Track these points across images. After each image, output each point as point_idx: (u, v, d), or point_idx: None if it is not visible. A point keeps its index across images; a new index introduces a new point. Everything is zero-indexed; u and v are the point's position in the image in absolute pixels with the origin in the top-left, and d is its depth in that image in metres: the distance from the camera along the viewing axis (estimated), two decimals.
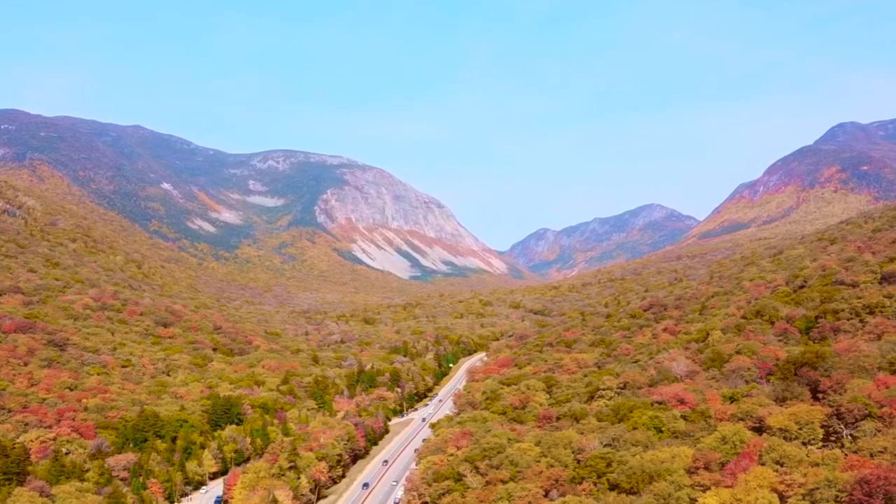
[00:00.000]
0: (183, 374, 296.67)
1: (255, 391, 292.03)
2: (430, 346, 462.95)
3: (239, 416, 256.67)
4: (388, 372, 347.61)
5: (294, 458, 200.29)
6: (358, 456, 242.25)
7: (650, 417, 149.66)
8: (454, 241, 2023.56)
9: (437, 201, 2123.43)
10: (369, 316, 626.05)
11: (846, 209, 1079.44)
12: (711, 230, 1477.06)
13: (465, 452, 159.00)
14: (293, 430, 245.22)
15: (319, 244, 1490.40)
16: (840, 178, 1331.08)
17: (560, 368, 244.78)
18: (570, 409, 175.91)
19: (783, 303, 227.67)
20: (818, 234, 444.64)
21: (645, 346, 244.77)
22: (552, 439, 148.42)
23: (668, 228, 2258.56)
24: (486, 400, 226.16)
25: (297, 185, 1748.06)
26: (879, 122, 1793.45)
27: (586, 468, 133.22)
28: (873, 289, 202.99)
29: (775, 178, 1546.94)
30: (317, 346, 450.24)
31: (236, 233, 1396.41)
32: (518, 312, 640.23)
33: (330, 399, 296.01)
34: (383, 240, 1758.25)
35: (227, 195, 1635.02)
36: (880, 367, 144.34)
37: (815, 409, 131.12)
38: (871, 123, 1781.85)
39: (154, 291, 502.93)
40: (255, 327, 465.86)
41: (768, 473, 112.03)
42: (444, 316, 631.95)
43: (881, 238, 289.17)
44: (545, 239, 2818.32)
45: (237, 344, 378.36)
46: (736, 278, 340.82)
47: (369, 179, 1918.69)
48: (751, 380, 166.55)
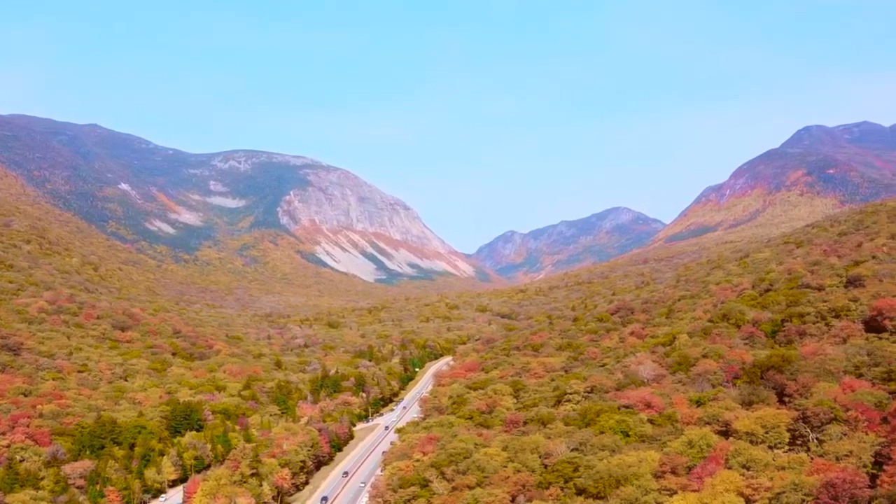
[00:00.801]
0: (141, 380, 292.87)
1: (216, 396, 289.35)
2: (396, 351, 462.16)
3: (199, 422, 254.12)
4: (353, 376, 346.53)
5: (256, 464, 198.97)
6: (322, 462, 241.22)
7: (617, 422, 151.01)
8: (420, 243, 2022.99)
9: (403, 203, 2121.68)
10: (334, 319, 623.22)
11: (812, 212, 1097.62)
12: (678, 233, 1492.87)
13: (432, 458, 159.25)
14: (255, 437, 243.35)
15: (282, 246, 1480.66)
16: (806, 182, 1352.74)
17: (527, 372, 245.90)
18: (538, 413, 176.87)
19: (749, 306, 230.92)
20: (784, 237, 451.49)
21: (612, 350, 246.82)
22: (519, 444, 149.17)
23: (635, 231, 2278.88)
24: (452, 404, 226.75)
25: (260, 186, 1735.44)
26: (845, 125, 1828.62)
27: (553, 473, 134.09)
28: (839, 292, 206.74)
29: (742, 182, 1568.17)
30: (280, 350, 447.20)
31: (196, 234, 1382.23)
32: (485, 316, 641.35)
33: (293, 404, 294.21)
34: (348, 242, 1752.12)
35: (188, 196, 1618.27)
36: (846, 371, 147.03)
37: (781, 412, 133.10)
38: (836, 127, 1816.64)
39: (111, 294, 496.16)
40: (216, 331, 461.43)
41: (735, 477, 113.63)
42: (410, 319, 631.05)
43: (847, 241, 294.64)
44: (512, 242, 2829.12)
45: (197, 348, 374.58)
46: (702, 282, 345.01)
47: (334, 180, 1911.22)
48: (717, 383, 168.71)
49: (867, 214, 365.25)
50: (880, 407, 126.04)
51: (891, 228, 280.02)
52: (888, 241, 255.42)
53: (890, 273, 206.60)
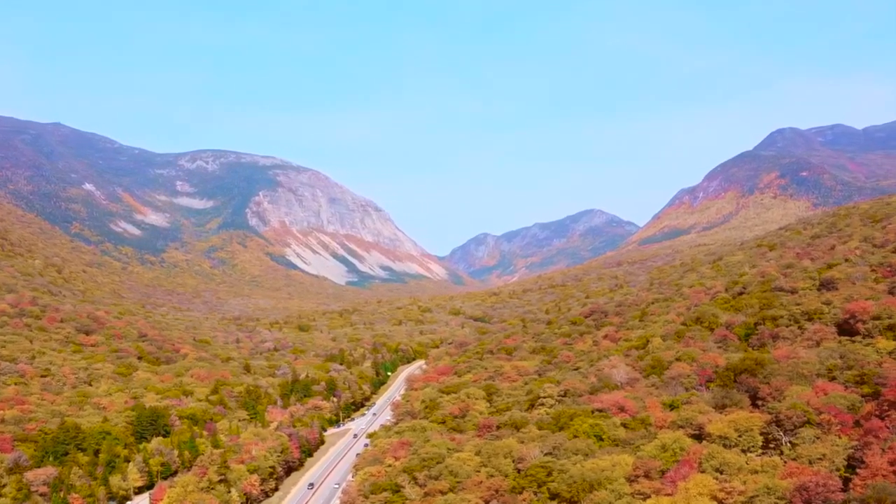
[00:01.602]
0: (106, 384, 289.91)
1: (183, 401, 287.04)
2: (368, 354, 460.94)
3: (166, 428, 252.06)
4: (324, 381, 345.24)
5: (224, 471, 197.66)
6: (292, 468, 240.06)
7: (591, 425, 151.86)
8: (392, 245, 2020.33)
9: (374, 205, 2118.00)
10: (304, 323, 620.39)
11: (785, 215, 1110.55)
12: (652, 236, 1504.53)
13: (404, 463, 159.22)
14: (223, 442, 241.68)
15: (251, 248, 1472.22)
16: (779, 184, 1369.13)
17: (500, 376, 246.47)
18: (511, 417, 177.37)
19: (723, 309, 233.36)
20: (757, 240, 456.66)
21: (586, 354, 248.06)
22: (492, 448, 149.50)
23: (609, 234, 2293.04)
24: (425, 409, 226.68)
25: (228, 187, 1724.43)
26: (818, 127, 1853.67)
27: (526, 478, 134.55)
28: (812, 295, 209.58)
29: (715, 184, 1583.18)
30: (249, 354, 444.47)
31: (163, 236, 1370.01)
32: (458, 319, 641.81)
33: (262, 409, 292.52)
34: (318, 244, 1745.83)
35: (154, 196, 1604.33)
36: (819, 374, 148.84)
37: (754, 416, 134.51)
38: (810, 129, 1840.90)
39: (75, 297, 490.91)
40: (183, 335, 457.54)
41: (708, 481, 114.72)
42: (382, 323, 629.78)
43: (820, 244, 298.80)
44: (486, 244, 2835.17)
45: (164, 352, 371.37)
46: (676, 285, 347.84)
47: (304, 181, 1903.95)
48: (690, 387, 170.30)
49: (840, 217, 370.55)
50: (853, 410, 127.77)
51: (864, 231, 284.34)
52: (861, 244, 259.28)
53: (863, 276, 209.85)
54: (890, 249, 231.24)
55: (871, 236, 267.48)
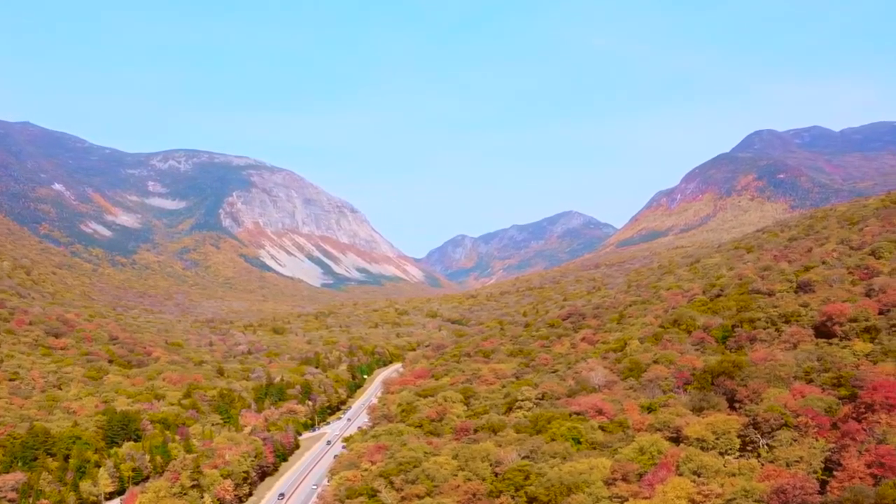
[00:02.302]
0: (76, 388, 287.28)
1: (154, 406, 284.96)
2: (344, 357, 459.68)
3: (137, 433, 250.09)
4: (299, 384, 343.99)
5: (197, 476, 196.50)
6: (266, 473, 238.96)
7: (568, 428, 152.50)
8: (368, 247, 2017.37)
9: (350, 206, 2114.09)
10: (279, 325, 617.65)
11: (762, 217, 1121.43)
12: (629, 238, 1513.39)
13: (380, 467, 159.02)
14: (196, 447, 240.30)
15: (225, 249, 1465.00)
16: (756, 187, 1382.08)
17: (478, 379, 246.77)
18: (488, 420, 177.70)
19: (700, 312, 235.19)
20: (735, 242, 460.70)
21: (563, 356, 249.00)
22: (469, 452, 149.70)
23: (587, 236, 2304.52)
24: (401, 412, 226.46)
25: (201, 187, 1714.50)
26: (795, 129, 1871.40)
27: (504, 481, 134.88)
28: (789, 297, 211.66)
29: (692, 186, 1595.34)
30: (222, 357, 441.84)
31: (134, 237, 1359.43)
32: (435, 322, 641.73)
33: (236, 413, 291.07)
34: (293, 245, 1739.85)
35: (125, 197, 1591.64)
36: (796, 377, 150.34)
37: (731, 418, 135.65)
38: (787, 131, 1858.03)
39: (44, 299, 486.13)
40: (155, 338, 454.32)
41: (686, 484, 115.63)
42: (358, 325, 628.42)
43: (797, 247, 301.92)
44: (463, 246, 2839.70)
45: (135, 355, 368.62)
46: (653, 287, 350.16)
47: (278, 182, 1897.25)
48: (668, 389, 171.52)
49: (817, 219, 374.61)
50: (830, 412, 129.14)
51: (840, 234, 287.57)
52: (838, 247, 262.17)
53: (840, 278, 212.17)
54: (867, 252, 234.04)
55: (848, 238, 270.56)
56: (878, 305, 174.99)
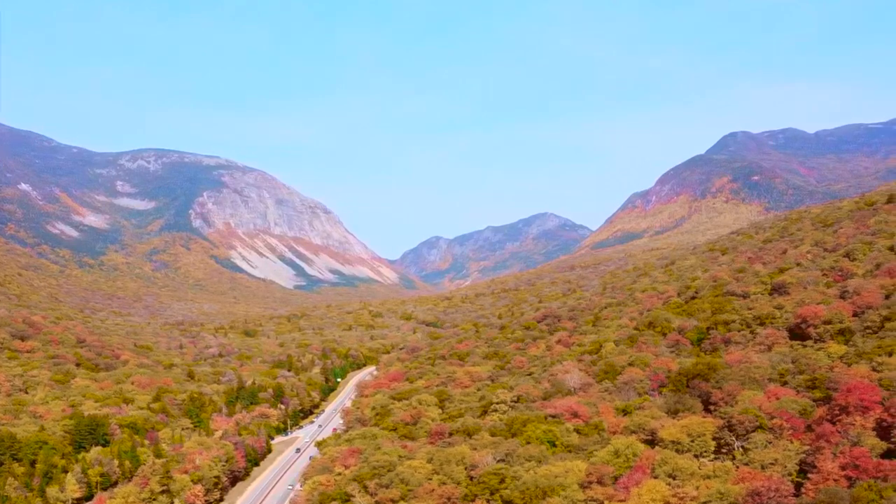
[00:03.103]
0: (42, 392, 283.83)
1: (123, 410, 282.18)
2: (317, 360, 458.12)
3: (105, 437, 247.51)
4: (271, 387, 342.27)
5: (167, 481, 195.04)
6: (237, 478, 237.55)
7: (544, 431, 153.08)
8: (342, 248, 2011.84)
9: (323, 206, 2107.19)
10: (250, 328, 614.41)
11: (737, 219, 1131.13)
12: (604, 240, 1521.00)
13: (354, 471, 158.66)
14: (166, 452, 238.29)
15: (195, 251, 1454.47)
16: (731, 188, 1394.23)
17: (453, 382, 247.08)
18: (463, 423, 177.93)
19: (675, 314, 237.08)
20: (709, 244, 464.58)
21: (539, 359, 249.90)
22: (444, 456, 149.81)
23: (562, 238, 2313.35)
24: (375, 416, 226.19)
25: (171, 187, 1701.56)
26: (770, 131, 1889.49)
27: (479, 485, 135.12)
28: (764, 300, 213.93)
29: (667, 188, 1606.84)
30: (192, 360, 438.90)
31: (102, 238, 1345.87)
32: (409, 324, 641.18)
33: (207, 417, 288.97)
34: (265, 246, 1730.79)
35: (93, 197, 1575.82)
36: (771, 379, 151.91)
37: (706, 421, 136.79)
38: (761, 133, 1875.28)
39: (10, 301, 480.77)
40: (124, 340, 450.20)
41: (661, 487, 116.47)
42: (331, 328, 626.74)
43: (771, 249, 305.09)
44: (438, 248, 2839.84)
45: (103, 358, 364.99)
46: (629, 289, 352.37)
47: (250, 182, 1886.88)
48: (643, 392, 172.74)
49: (791, 221, 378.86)
50: (805, 415, 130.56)
51: (815, 235, 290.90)
52: (812, 249, 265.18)
53: (814, 280, 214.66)
54: (841, 254, 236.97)
55: (822, 240, 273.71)
56: (852, 307, 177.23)
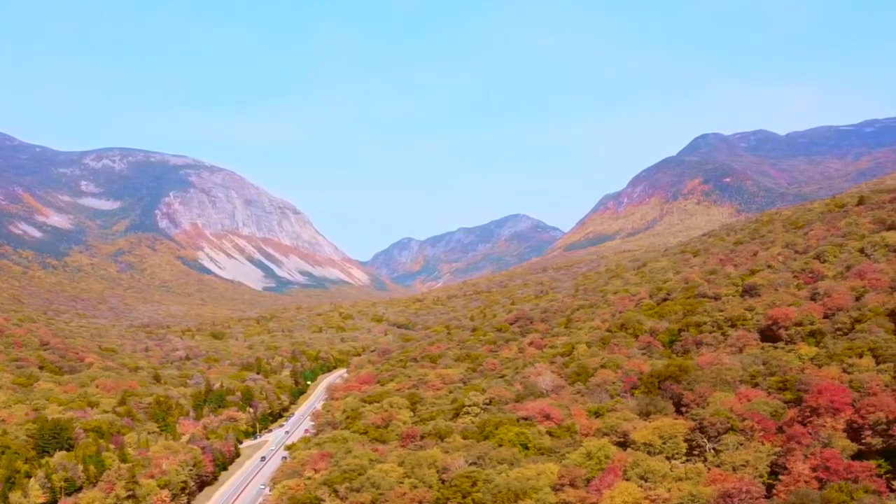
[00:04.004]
0: (5, 395, 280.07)
1: (88, 413, 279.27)
2: (287, 363, 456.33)
3: (70, 441, 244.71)
4: (240, 391, 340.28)
5: (133, 486, 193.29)
6: (205, 482, 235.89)
7: (516, 434, 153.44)
8: (312, 249, 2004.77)
9: (293, 207, 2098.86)
10: (218, 330, 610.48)
11: (709, 221, 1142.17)
12: (577, 242, 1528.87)
13: (324, 475, 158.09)
14: (132, 456, 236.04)
15: (161, 251, 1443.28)
16: (703, 190, 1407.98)
17: (425, 384, 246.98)
18: (435, 426, 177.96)
19: (647, 316, 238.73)
20: (681, 246, 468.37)
21: (511, 361, 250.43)
22: (416, 459, 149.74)
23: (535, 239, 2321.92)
24: (346, 419, 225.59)
25: (136, 187, 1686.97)
26: (741, 133, 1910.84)
27: (451, 488, 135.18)
28: (735, 301, 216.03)
29: (639, 190, 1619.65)
30: (158, 363, 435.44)
31: (66, 238, 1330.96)
32: (381, 326, 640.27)
33: (174, 421, 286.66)
34: (234, 247, 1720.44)
35: (57, 197, 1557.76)
36: (742, 381, 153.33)
37: (678, 422, 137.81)
38: (733, 135, 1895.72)
39: None
40: (88, 343, 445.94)
41: (633, 489, 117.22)
42: (301, 330, 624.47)
43: (742, 251, 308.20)
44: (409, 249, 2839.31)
45: (67, 361, 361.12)
46: (601, 291, 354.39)
47: (217, 182, 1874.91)
48: (615, 394, 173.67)
49: (762, 223, 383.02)
50: (776, 416, 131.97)
51: (786, 237, 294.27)
52: (783, 250, 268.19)
53: (785, 282, 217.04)
54: (812, 255, 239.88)
55: (793, 242, 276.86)
56: (822, 309, 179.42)
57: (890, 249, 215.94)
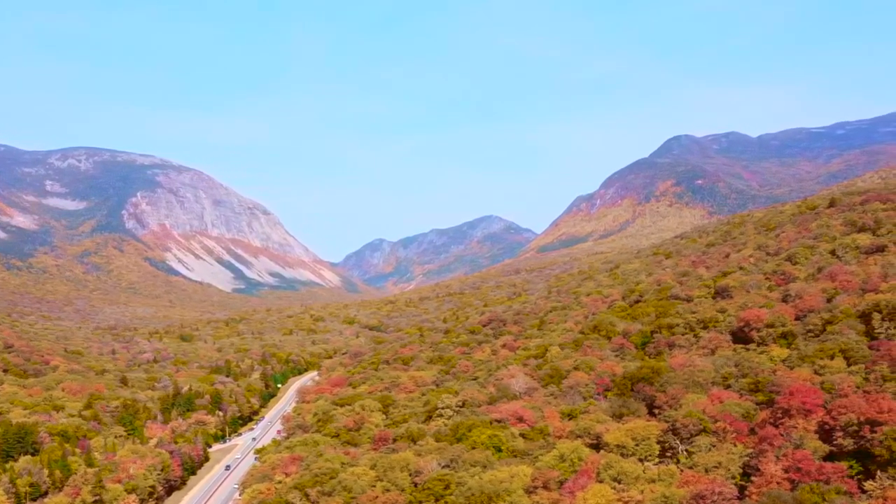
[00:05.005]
0: None
1: (53, 417, 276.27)
2: (257, 365, 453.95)
3: (35, 446, 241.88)
4: (209, 394, 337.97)
5: (99, 490, 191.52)
6: (174, 487, 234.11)
7: (489, 436, 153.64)
8: (282, 251, 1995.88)
9: (262, 207, 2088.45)
10: (187, 332, 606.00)
11: (681, 223, 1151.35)
12: (550, 244, 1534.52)
13: (295, 479, 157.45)
14: (98, 461, 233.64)
15: (129, 252, 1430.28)
16: (675, 192, 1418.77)
17: (397, 387, 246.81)
18: (408, 429, 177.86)
19: (620, 318, 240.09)
20: (654, 248, 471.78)
21: (484, 363, 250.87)
22: (388, 462, 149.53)
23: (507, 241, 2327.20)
24: (317, 422, 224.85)
25: (103, 187, 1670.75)
26: (713, 135, 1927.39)
27: (424, 491, 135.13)
28: (707, 303, 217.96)
29: (612, 192, 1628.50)
30: (125, 366, 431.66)
31: (31, 239, 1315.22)
32: (352, 328, 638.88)
33: (141, 425, 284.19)
34: (202, 248, 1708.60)
35: (21, 197, 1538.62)
36: (714, 382, 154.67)
37: (651, 424, 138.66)
38: (705, 137, 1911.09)
39: None
40: (54, 345, 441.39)
41: (606, 491, 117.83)
42: (271, 332, 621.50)
43: (714, 253, 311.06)
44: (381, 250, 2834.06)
45: (32, 364, 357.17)
46: (574, 293, 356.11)
47: (186, 182, 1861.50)
48: (589, 396, 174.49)
49: (734, 225, 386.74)
50: (748, 418, 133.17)
51: (757, 239, 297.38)
52: (755, 253, 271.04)
53: (757, 284, 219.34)
54: (783, 257, 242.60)
55: (764, 244, 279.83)
56: (794, 311, 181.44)
57: (861, 251, 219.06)
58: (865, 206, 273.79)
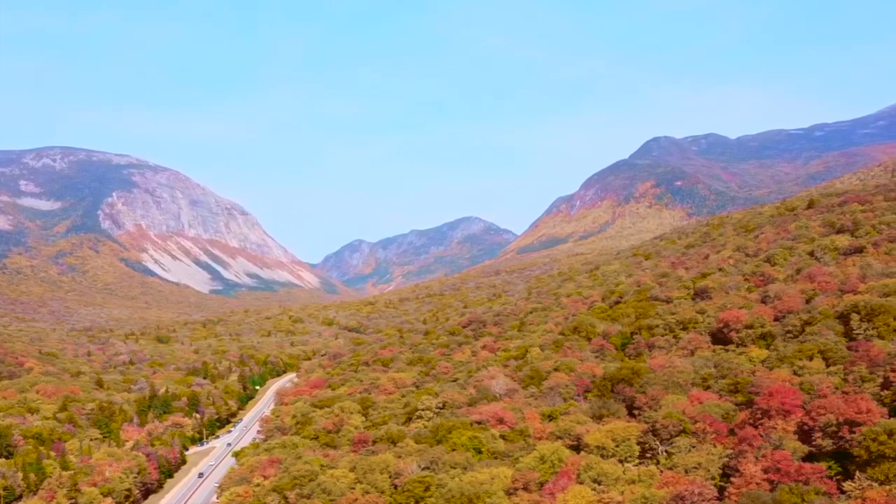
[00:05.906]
0: None
1: (27, 420, 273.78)
2: (234, 367, 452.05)
3: (9, 449, 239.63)
4: (186, 396, 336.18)
5: (75, 494, 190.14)
6: (150, 490, 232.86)
7: (469, 438, 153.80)
8: (260, 251, 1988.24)
9: (240, 208, 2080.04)
10: (163, 334, 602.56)
11: (661, 224, 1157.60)
12: (529, 245, 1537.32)
13: (273, 482, 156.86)
14: (73, 464, 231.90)
15: (104, 253, 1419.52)
16: (655, 194, 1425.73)
17: (376, 389, 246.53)
18: (388, 431, 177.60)
19: (600, 319, 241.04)
20: (633, 249, 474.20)
21: (464, 364, 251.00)
22: (368, 464, 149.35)
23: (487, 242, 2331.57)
24: (296, 424, 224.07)
25: (78, 187, 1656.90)
26: (692, 136, 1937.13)
27: (404, 493, 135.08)
28: (686, 304, 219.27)
29: (592, 193, 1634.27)
30: (101, 368, 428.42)
31: (5, 240, 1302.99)
32: (331, 330, 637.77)
33: (117, 427, 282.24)
34: (179, 249, 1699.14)
35: None
36: (694, 383, 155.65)
37: (631, 425, 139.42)
38: (684, 138, 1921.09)
39: None
40: (28, 347, 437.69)
41: (586, 492, 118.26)
42: (249, 334, 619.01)
43: (694, 254, 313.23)
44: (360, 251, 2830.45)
45: (6, 366, 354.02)
46: (554, 294, 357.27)
47: (162, 182, 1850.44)
48: (569, 397, 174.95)
49: (714, 227, 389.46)
50: (727, 419, 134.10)
51: (737, 241, 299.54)
52: (734, 254, 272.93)
53: (736, 285, 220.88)
54: (762, 259, 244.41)
55: (743, 245, 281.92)
56: (773, 312, 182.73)
57: (839, 253, 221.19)
58: (844, 207, 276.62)
